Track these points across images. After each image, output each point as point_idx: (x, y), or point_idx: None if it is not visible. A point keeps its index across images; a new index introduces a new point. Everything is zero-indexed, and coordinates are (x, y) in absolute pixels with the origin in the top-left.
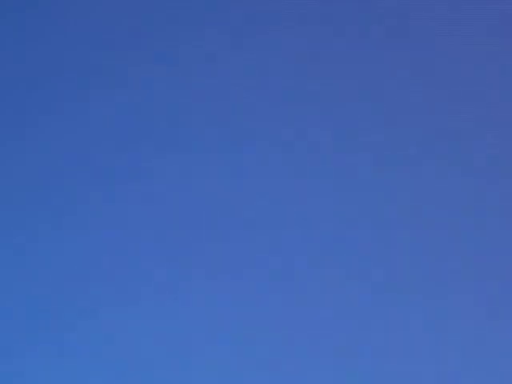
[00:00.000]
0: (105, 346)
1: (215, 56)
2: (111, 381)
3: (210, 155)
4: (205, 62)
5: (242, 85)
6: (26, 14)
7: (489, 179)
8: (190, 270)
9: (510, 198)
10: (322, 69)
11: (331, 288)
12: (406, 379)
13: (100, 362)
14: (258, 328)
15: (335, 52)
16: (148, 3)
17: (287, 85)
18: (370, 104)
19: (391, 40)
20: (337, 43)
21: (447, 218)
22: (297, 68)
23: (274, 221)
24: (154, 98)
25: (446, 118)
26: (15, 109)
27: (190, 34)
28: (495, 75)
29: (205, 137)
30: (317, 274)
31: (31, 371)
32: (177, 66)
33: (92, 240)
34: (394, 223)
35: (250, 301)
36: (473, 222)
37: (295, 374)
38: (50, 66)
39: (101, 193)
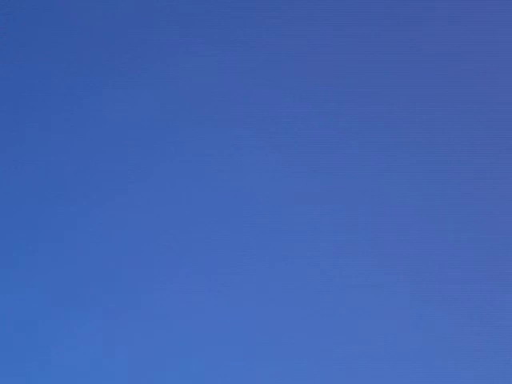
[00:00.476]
0: (106, 347)
1: (214, 57)
2: (111, 381)
3: (210, 155)
4: (203, 63)
5: (241, 85)
6: (29, 18)
7: (488, 179)
8: (190, 270)
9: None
10: (322, 68)
11: (331, 289)
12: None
13: (100, 362)
14: (259, 329)
15: (335, 52)
16: (150, 4)
17: (288, 85)
18: (371, 104)
19: (390, 39)
20: (336, 43)
21: (446, 218)
22: (298, 68)
23: (275, 222)
24: (152, 99)
25: (447, 117)
26: (10, 110)
27: (189, 34)
28: (495, 76)
29: (205, 137)
30: (316, 273)
31: (33, 370)
32: (176, 66)
33: (92, 240)
34: (395, 228)
35: (250, 302)
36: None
37: (294, 375)
38: (49, 67)
39: (101, 194)
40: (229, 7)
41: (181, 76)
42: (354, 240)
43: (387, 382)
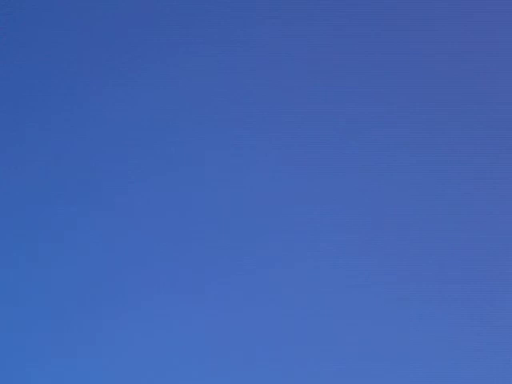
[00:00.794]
0: (106, 347)
1: (214, 57)
2: (111, 381)
3: (210, 155)
4: (203, 63)
5: (241, 85)
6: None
7: (488, 179)
8: (190, 271)
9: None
10: (322, 68)
11: (331, 289)
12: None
13: (101, 362)
14: (259, 329)
15: (335, 52)
16: (150, 4)
17: (288, 85)
18: (371, 104)
19: (389, 38)
20: (336, 43)
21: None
22: (298, 68)
23: (275, 222)
24: (152, 99)
25: (447, 115)
26: (10, 110)
27: (189, 34)
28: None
29: (205, 137)
30: (316, 273)
31: (33, 371)
32: (176, 66)
33: (92, 241)
34: (395, 228)
35: (250, 302)
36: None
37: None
38: (49, 67)
39: (101, 194)
40: (229, 7)
41: (181, 76)
42: (353, 240)
43: (387, 382)
